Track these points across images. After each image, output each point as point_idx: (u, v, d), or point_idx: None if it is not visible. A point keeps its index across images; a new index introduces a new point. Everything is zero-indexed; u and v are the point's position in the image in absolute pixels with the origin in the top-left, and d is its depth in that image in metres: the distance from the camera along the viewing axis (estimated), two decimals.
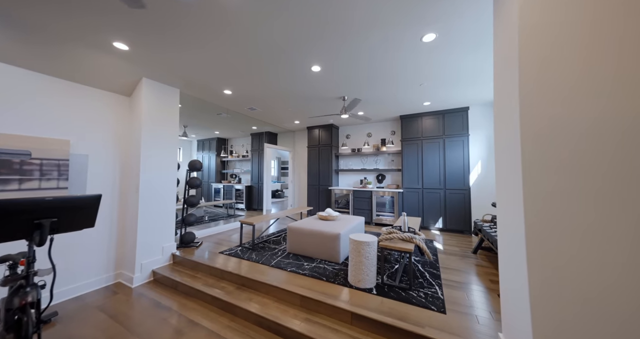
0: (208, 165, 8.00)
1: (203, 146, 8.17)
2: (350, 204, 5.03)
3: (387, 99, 3.69)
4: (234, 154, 7.66)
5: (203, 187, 8.07)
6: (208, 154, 8.06)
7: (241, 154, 7.45)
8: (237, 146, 7.83)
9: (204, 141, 8.14)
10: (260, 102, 3.88)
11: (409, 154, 4.59)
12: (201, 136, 7.58)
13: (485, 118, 4.00)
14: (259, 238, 3.60)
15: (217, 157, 7.84)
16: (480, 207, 3.98)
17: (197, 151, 8.35)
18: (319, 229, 2.78)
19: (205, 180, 8.07)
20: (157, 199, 2.72)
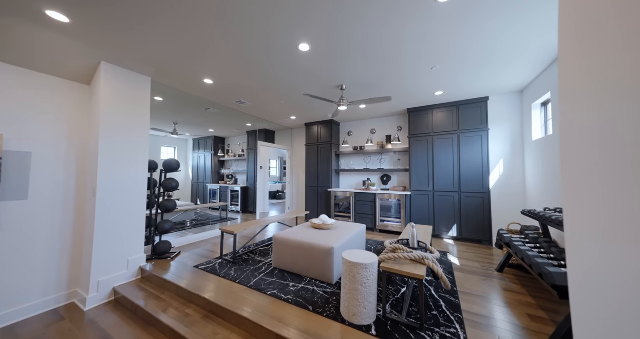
0: (204, 165, 7.68)
1: (199, 145, 7.86)
2: (352, 208, 4.54)
3: (392, 88, 3.18)
4: (230, 154, 7.31)
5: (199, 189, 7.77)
6: (204, 153, 7.73)
7: (237, 154, 7.08)
8: (234, 145, 7.48)
9: (200, 140, 7.82)
10: (248, 94, 3.46)
11: (417, 152, 4.07)
12: (196, 135, 7.26)
13: (508, 109, 3.43)
14: (245, 248, 3.18)
15: (214, 157, 7.51)
16: (503, 213, 3.41)
17: (192, 151, 8.06)
18: (310, 241, 2.32)
19: (201, 181, 7.76)
20: (122, 205, 2.34)
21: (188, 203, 5.40)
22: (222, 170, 7.38)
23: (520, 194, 3.31)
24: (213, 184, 7.37)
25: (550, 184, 2.56)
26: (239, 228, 2.75)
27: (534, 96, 2.95)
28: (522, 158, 3.32)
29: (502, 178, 3.45)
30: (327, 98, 3.40)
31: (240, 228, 2.75)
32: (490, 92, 3.38)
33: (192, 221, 5.20)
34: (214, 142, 7.46)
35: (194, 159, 7.78)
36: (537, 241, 2.10)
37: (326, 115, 4.72)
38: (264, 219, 3.41)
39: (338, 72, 2.70)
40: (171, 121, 5.32)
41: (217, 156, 7.49)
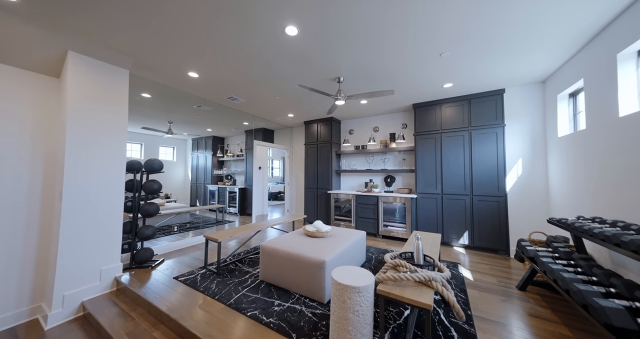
0: (203, 165, 7.53)
1: (198, 144, 7.72)
2: (353, 212, 4.23)
3: (395, 80, 2.86)
4: (228, 154, 7.12)
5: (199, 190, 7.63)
6: (204, 153, 7.59)
7: (236, 153, 6.88)
8: (232, 145, 7.29)
9: (199, 140, 7.68)
10: (239, 89, 3.21)
11: (424, 151, 3.72)
12: (195, 134, 7.12)
13: (528, 103, 3.05)
14: (234, 256, 2.92)
15: (213, 157, 7.35)
16: (522, 220, 3.03)
17: (192, 151, 7.93)
18: (299, 252, 2.04)
19: (200, 181, 7.62)
20: (95, 209, 2.12)
21: (182, 205, 5.23)
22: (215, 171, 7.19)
23: (543, 198, 2.92)
24: (212, 185, 7.22)
25: (583, 188, 2.18)
26: (224, 235, 2.49)
27: (559, 86, 2.57)
28: (545, 157, 2.93)
29: (520, 180, 3.07)
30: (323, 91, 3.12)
31: (226, 235, 2.49)
32: (507, 83, 3.01)
33: (187, 223, 5.02)
34: (213, 142, 7.30)
35: (193, 159, 7.65)
36: (570, 257, 1.74)
37: (325, 112, 4.43)
38: (257, 224, 3.15)
39: (333, 62, 2.40)
40: (165, 120, 5.16)
41: (216, 156, 7.33)
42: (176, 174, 6.71)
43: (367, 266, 2.63)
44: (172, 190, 6.56)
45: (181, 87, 3.09)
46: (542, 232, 2.41)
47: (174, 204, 5.17)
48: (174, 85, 3.00)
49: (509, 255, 3.06)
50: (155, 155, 5.85)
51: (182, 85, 3.01)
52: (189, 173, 7.55)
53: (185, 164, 7.31)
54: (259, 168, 6.64)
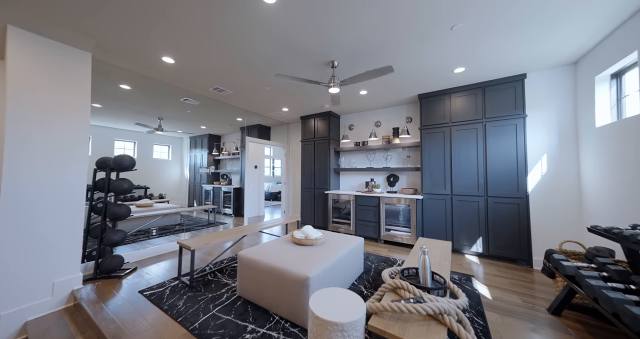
0: (200, 164, 7.29)
1: (195, 143, 7.49)
2: (352, 215, 3.87)
3: (398, 63, 2.48)
4: (224, 152, 6.85)
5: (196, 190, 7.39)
6: (200, 152, 7.35)
7: (231, 152, 6.60)
8: (229, 143, 7.02)
9: (196, 138, 7.45)
10: (223, 79, 2.88)
11: (431, 146, 3.32)
12: (191, 132, 6.88)
13: (554, 89, 2.61)
14: (215, 264, 2.60)
15: (209, 156, 7.09)
16: (548, 226, 2.60)
17: (189, 149, 7.70)
18: (280, 264, 1.69)
19: (197, 181, 7.38)
20: (45, 213, 1.83)
21: (174, 206, 4.96)
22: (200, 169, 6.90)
23: (573, 200, 2.49)
24: (208, 184, 6.96)
25: (635, 189, 1.76)
26: (201, 242, 2.17)
27: (598, 66, 2.14)
28: (576, 152, 2.50)
29: (545, 179, 2.64)
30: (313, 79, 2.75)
31: (201, 242, 2.17)
32: (529, 67, 2.59)
33: (176, 226, 4.75)
34: (209, 140, 7.05)
35: (190, 158, 7.42)
36: (628, 280, 1.34)
37: (322, 106, 4.07)
38: (243, 228, 2.83)
39: (323, 39, 2.04)
40: (155, 116, 4.91)
41: (211, 154, 7.07)
42: (172, 173, 6.48)
43: (364, 279, 2.26)
44: (168, 190, 6.32)
45: (158, 76, 2.78)
46: (577, 242, 1.99)
47: (165, 205, 4.91)
48: (149, 73, 2.70)
49: (531, 266, 2.64)
50: (149, 154, 5.62)
51: (158, 73, 2.71)
52: (186, 172, 7.32)
53: (182, 163, 7.08)
54: (255, 167, 6.34)
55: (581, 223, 2.43)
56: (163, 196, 6.06)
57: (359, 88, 3.22)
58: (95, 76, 2.65)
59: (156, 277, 2.25)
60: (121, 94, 3.30)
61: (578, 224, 2.46)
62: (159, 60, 2.39)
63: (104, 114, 4.16)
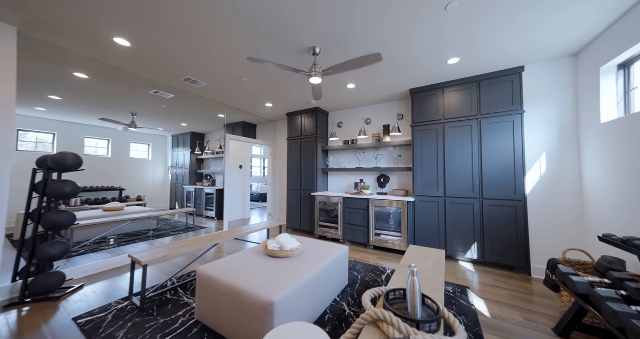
0: (182, 164, 6.88)
1: (178, 141, 7.08)
2: (340, 218, 3.60)
3: (388, 53, 2.22)
4: (207, 151, 6.47)
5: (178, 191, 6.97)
6: (183, 151, 6.94)
7: (215, 151, 6.23)
8: (213, 141, 6.65)
9: (179, 136, 7.04)
10: (192, 67, 2.56)
11: (423, 145, 3.09)
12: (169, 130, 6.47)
13: (554, 82, 2.42)
14: (179, 279, 2.28)
15: (192, 155, 6.70)
16: (547, 231, 2.40)
17: (172, 148, 7.28)
18: (243, 285, 1.40)
19: (180, 182, 6.96)
20: None
21: (147, 209, 4.57)
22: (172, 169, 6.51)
23: (575, 203, 2.29)
24: (190, 185, 6.57)
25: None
26: (158, 255, 1.85)
27: (603, 56, 1.95)
28: (577, 151, 2.31)
29: (544, 180, 2.44)
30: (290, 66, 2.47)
31: (159, 255, 1.84)
32: (527, 59, 2.38)
33: (149, 231, 4.36)
34: (192, 138, 6.66)
35: (173, 157, 7.01)
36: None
37: (309, 101, 3.79)
38: (215, 235, 2.51)
39: (302, 20, 1.76)
40: (126, 111, 4.51)
41: (194, 154, 6.68)
42: (153, 173, 6.07)
43: (349, 294, 1.99)
44: (149, 192, 5.93)
45: (114, 62, 2.43)
46: (582, 251, 1.78)
47: (138, 209, 4.51)
48: (103, 58, 2.36)
49: (529, 274, 2.44)
50: (125, 152, 5.22)
51: (114, 58, 2.36)
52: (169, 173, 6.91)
53: (165, 163, 6.67)
54: (240, 167, 6.00)
55: (583, 228, 2.24)
56: (141, 198, 5.65)
57: (346, 81, 2.96)
58: (38, 61, 2.28)
59: (104, 297, 1.92)
60: (79, 85, 2.93)
61: (580, 229, 2.27)
62: (111, 41, 2.05)
63: (68, 108, 3.75)
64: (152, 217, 4.52)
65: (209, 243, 2.23)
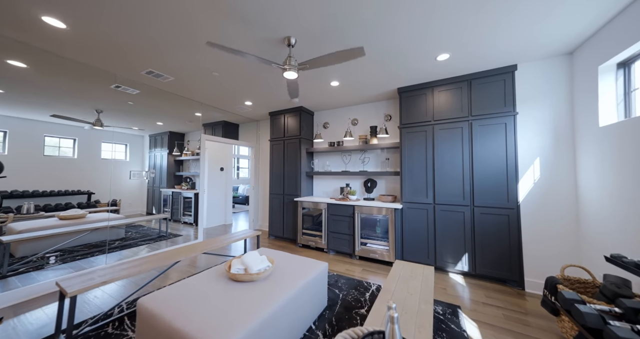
0: (160, 166, 6.43)
1: (155, 141, 6.62)
2: (324, 226, 3.35)
3: (372, 47, 1.99)
4: (186, 152, 6.07)
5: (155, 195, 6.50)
6: (160, 151, 6.49)
7: (195, 151, 5.84)
8: (193, 142, 6.24)
9: (156, 136, 6.59)
10: (152, 57, 2.23)
11: (411, 148, 2.89)
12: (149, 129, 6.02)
13: (548, 82, 2.27)
14: (125, 306, 1.95)
15: (170, 156, 6.27)
16: (542, 242, 2.24)
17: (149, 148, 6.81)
18: (186, 325, 1.12)
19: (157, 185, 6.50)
20: None
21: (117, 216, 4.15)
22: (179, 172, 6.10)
23: (570, 212, 2.14)
24: (168, 188, 6.14)
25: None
26: (90, 281, 1.52)
27: (601, 54, 1.79)
28: (573, 156, 2.16)
29: (538, 187, 2.29)
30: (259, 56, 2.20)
31: (91, 282, 1.52)
32: (520, 56, 2.22)
33: (116, 241, 3.95)
34: (169, 138, 6.23)
35: (150, 158, 6.54)
36: None
37: (290, 99, 3.52)
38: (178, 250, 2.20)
39: (274, 4, 1.50)
40: (89, 107, 4.08)
41: (172, 154, 6.25)
42: (130, 175, 5.61)
43: (327, 319, 1.74)
44: (126, 195, 5.49)
45: (50, 47, 2.06)
46: (583, 268, 1.62)
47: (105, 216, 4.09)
48: (37, 42, 1.99)
49: (522, 288, 2.27)
50: (96, 153, 4.78)
51: (52, 44, 2.00)
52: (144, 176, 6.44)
53: (143, 165, 6.21)
54: (221, 169, 5.64)
55: (579, 240, 2.09)
56: (116, 203, 5.21)
57: (329, 78, 2.72)
58: None
59: (24, 335, 1.57)
60: (21, 75, 2.53)
61: (576, 240, 2.12)
62: (40, 21, 1.70)
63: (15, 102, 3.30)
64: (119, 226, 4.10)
65: (167, 261, 1.92)
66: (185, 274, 2.58)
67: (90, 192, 4.64)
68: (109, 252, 3.28)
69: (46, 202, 3.74)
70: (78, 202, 4.52)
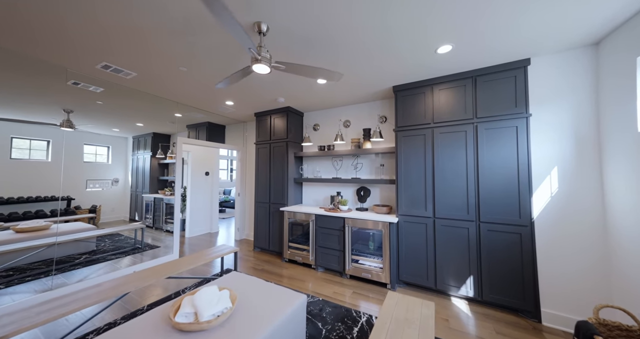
0: (143, 169, 6.07)
1: (139, 143, 6.26)
2: (311, 240, 3.01)
3: (359, 36, 1.66)
4: (171, 155, 5.71)
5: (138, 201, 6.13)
6: (144, 154, 6.13)
7: None
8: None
9: (140, 138, 6.23)
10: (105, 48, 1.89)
11: (409, 154, 2.56)
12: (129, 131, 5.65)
13: (567, 79, 1.94)
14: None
15: (153, 159, 5.91)
16: (561, 266, 1.90)
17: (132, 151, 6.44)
18: None
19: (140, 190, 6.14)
20: None
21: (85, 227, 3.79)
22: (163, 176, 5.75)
23: (597, 233, 1.81)
24: (151, 194, 5.77)
25: None
26: None
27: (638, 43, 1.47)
28: (599, 167, 1.83)
29: (556, 202, 1.95)
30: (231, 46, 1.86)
31: None
32: (534, 48, 1.89)
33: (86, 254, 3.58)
34: (153, 139, 5.87)
35: (133, 161, 6.18)
36: None
37: (276, 99, 3.18)
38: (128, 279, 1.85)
39: None
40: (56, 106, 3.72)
41: (156, 157, 5.89)
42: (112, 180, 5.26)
43: None
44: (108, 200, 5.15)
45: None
46: (623, 310, 1.28)
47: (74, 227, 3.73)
48: None
49: (538, 320, 1.93)
50: (77, 156, 4.46)
51: None
52: (129, 179, 6.09)
53: (126, 168, 5.86)
54: (207, 174, 5.29)
55: (610, 268, 1.75)
56: (95, 210, 4.85)
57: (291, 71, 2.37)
58: None
59: None
60: None
61: (604, 268, 1.78)
62: None
63: None
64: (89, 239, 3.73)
65: (111, 294, 1.57)
66: (145, 298, 2.22)
67: (70, 197, 4.29)
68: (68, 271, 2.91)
69: (12, 211, 3.39)
70: (52, 210, 4.16)
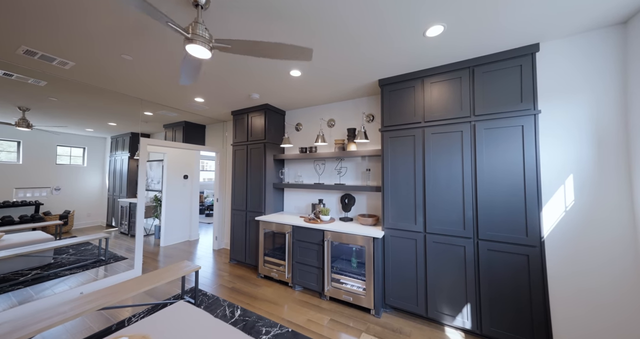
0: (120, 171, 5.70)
1: (117, 144, 5.90)
2: (287, 254, 2.65)
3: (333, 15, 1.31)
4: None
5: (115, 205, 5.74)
6: (121, 155, 5.76)
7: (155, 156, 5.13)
8: None
9: (118, 138, 5.87)
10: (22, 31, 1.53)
11: (396, 158, 2.21)
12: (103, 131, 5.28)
13: (585, 68, 1.60)
14: None
15: (131, 160, 5.54)
16: (579, 294, 1.56)
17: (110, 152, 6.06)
18: None
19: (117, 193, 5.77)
20: None
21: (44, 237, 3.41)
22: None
23: (625, 254, 1.46)
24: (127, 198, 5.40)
25: None
26: None
27: None
28: (628, 175, 1.49)
29: (571, 218, 1.61)
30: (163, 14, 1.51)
31: None
32: (543, 31, 1.55)
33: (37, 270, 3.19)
34: (131, 140, 5.51)
35: (110, 163, 5.83)
36: None
37: (249, 95, 2.83)
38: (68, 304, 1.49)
39: None
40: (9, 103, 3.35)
41: (134, 158, 5.53)
42: (89, 183, 4.90)
43: None
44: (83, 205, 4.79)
45: None
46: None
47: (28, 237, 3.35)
48: None
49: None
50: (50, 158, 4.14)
51: None
52: (107, 182, 5.72)
53: (103, 170, 5.49)
54: (185, 177, 4.92)
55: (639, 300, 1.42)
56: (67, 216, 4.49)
57: (287, 66, 2.03)
58: None
59: None
60: None
61: (635, 297, 1.44)
62: None
63: None
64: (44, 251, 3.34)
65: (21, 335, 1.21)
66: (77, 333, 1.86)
67: (38, 202, 3.93)
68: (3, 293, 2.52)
69: None
70: (21, 216, 3.81)
